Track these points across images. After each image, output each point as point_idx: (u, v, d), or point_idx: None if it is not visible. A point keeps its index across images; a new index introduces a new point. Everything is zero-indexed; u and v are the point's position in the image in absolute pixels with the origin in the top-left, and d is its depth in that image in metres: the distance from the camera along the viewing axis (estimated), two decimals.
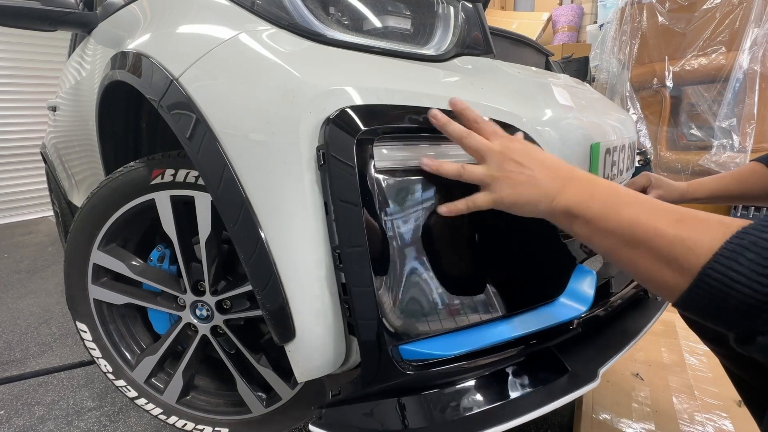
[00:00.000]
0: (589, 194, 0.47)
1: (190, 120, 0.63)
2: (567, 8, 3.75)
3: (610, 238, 0.43)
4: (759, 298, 0.32)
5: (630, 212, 0.42)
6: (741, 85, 2.00)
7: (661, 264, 0.38)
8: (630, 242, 0.41)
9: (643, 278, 0.41)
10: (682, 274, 0.36)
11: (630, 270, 0.43)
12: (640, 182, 0.94)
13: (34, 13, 1.00)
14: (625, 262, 0.43)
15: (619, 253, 0.43)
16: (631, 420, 0.97)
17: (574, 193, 0.48)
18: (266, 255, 0.60)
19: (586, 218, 0.45)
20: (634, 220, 0.41)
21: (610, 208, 0.44)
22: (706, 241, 0.35)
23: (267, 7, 0.64)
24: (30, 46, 4.04)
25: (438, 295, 0.61)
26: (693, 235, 0.36)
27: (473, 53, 0.74)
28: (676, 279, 0.37)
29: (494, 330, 0.64)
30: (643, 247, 0.40)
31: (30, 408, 1.26)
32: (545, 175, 0.50)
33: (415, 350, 0.60)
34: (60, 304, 2.03)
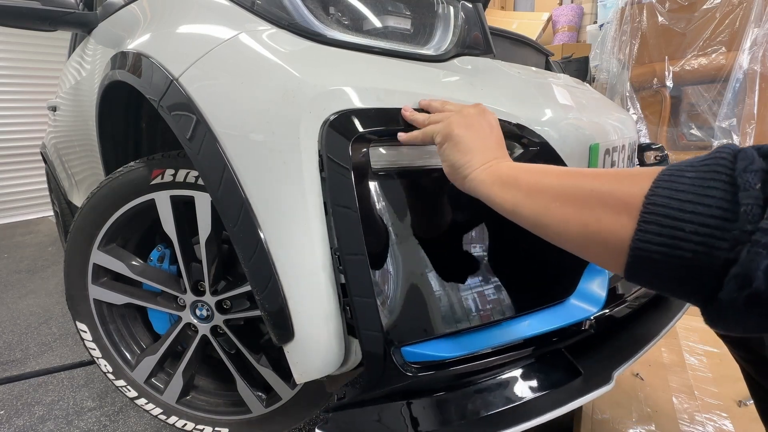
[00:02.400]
0: (521, 165, 0.47)
1: (190, 120, 0.63)
2: (567, 8, 3.75)
3: (540, 198, 0.40)
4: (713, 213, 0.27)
5: (560, 171, 0.41)
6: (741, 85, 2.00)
7: (599, 210, 0.33)
8: (563, 196, 0.38)
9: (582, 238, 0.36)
10: (624, 212, 0.31)
11: (566, 232, 0.37)
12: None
13: (34, 13, 1.00)
14: (558, 222, 0.38)
15: (551, 213, 0.38)
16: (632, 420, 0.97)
17: (508, 163, 0.48)
18: (266, 256, 0.59)
19: (517, 181, 0.43)
20: (564, 176, 0.39)
21: (541, 171, 0.43)
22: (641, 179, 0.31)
23: (267, 7, 0.64)
24: (30, 46, 4.04)
25: (440, 296, 0.60)
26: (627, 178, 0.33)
27: (473, 53, 0.74)
28: (620, 222, 0.31)
29: (501, 331, 0.63)
30: (579, 197, 0.36)
31: (30, 408, 1.26)
32: (491, 140, 0.51)
33: (418, 352, 0.59)
34: (60, 304, 2.03)
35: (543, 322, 0.65)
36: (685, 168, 0.29)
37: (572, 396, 0.62)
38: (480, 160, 0.49)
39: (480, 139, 0.50)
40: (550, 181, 0.40)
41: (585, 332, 0.69)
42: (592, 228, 0.34)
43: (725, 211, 0.26)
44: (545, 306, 0.67)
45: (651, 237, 0.29)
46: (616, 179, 0.33)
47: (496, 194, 0.45)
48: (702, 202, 0.27)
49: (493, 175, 0.46)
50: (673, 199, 0.28)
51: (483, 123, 0.53)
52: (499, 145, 0.53)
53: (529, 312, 0.66)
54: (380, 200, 0.57)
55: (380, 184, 0.57)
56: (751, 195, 0.25)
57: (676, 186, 0.28)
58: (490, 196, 0.46)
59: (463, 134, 0.51)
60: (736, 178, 0.26)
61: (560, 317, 0.66)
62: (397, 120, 0.58)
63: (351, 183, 0.54)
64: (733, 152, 0.28)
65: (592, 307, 0.68)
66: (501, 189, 0.45)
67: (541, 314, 0.66)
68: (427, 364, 0.60)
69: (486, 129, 0.52)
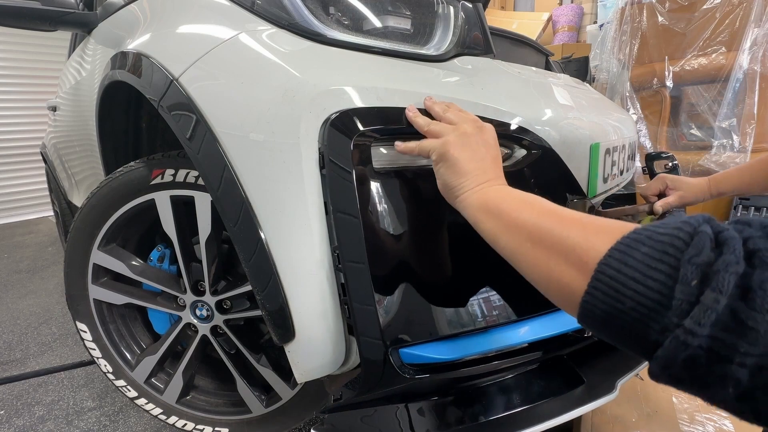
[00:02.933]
0: (508, 192, 0.48)
1: (190, 120, 0.63)
2: (567, 8, 3.75)
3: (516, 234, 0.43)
4: (651, 297, 0.28)
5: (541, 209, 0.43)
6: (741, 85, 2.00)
7: (562, 261, 0.36)
8: (535, 236, 0.40)
9: (543, 280, 0.39)
10: (581, 271, 0.34)
11: (532, 272, 0.41)
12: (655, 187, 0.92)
13: (34, 13, 1.00)
14: (528, 261, 0.41)
15: (523, 251, 0.42)
16: (632, 420, 0.97)
17: (498, 187, 0.50)
18: (266, 255, 0.59)
19: (500, 211, 0.46)
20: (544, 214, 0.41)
21: (523, 204, 0.45)
22: (605, 238, 0.33)
23: (267, 7, 0.64)
24: (30, 46, 4.04)
25: (440, 298, 0.60)
26: (595, 233, 0.35)
27: (473, 53, 0.74)
28: (575, 278, 0.35)
29: (500, 335, 0.62)
30: (547, 241, 0.39)
31: (30, 408, 1.26)
32: (486, 161, 0.52)
33: (416, 354, 0.59)
34: (60, 304, 2.03)
35: (544, 328, 0.64)
36: (643, 239, 0.31)
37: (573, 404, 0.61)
38: (471, 183, 0.51)
39: (474, 161, 0.52)
40: (528, 218, 0.42)
41: (588, 339, 0.68)
42: (554, 276, 0.37)
43: (662, 296, 0.28)
44: (547, 311, 0.66)
45: (596, 300, 0.32)
46: (585, 233, 0.36)
47: (480, 221, 0.48)
48: (644, 283, 0.29)
49: (480, 200, 0.49)
50: (620, 273, 0.30)
51: (479, 143, 0.53)
52: (494, 164, 0.53)
53: (530, 317, 0.65)
54: (381, 200, 0.57)
55: (381, 184, 0.57)
56: (685, 291, 0.27)
57: (627, 259, 0.30)
58: (475, 221, 0.49)
59: (459, 156, 0.51)
60: (679, 268, 0.28)
61: (562, 323, 0.65)
62: (397, 120, 0.58)
63: (352, 181, 0.54)
64: (691, 234, 0.29)
65: None
66: (485, 216, 0.47)
67: (542, 319, 0.65)
68: (425, 367, 0.59)
69: (482, 150, 0.53)
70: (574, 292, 0.34)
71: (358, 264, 0.55)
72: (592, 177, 0.77)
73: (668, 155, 1.16)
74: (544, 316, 0.66)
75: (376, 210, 0.56)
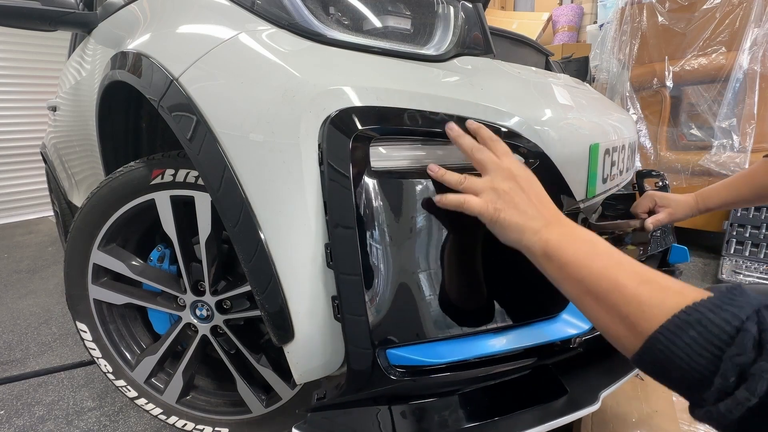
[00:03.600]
0: (568, 239, 0.49)
1: (190, 120, 0.63)
2: (567, 8, 3.75)
3: (578, 286, 0.45)
4: (695, 376, 0.33)
5: (600, 264, 0.44)
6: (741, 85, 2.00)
7: (618, 321, 0.40)
8: (595, 293, 0.43)
9: (603, 330, 0.44)
10: (635, 335, 0.38)
11: (592, 320, 0.45)
12: (645, 204, 0.93)
13: (34, 13, 1.00)
14: (588, 311, 0.45)
15: (584, 302, 0.45)
16: (632, 420, 0.97)
17: (556, 234, 0.50)
18: (266, 256, 0.59)
19: (561, 262, 0.47)
20: (602, 272, 0.44)
21: (584, 257, 0.46)
22: (660, 310, 0.37)
23: (267, 7, 0.64)
24: (30, 46, 4.04)
25: (430, 301, 0.60)
26: (649, 300, 0.38)
27: (473, 53, 0.74)
28: (630, 339, 0.39)
29: (488, 342, 0.62)
30: (606, 302, 0.42)
31: (30, 408, 1.26)
32: (538, 207, 0.52)
33: (403, 356, 0.58)
34: (60, 304, 2.03)
35: (532, 336, 0.64)
36: (693, 322, 0.34)
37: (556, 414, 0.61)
38: (529, 236, 0.51)
39: (525, 214, 0.52)
40: (588, 274, 0.45)
41: (574, 350, 0.68)
42: (611, 331, 0.42)
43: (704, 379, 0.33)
44: (536, 320, 0.67)
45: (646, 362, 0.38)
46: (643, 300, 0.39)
47: (543, 266, 0.50)
48: (689, 364, 0.34)
49: (542, 248, 0.50)
50: (669, 350, 0.35)
51: (522, 190, 0.53)
52: (541, 202, 0.53)
53: (519, 324, 0.65)
54: (376, 199, 0.56)
55: (378, 185, 0.57)
56: (723, 384, 0.32)
57: (676, 340, 0.35)
58: (539, 266, 0.51)
59: (509, 218, 0.52)
60: (722, 360, 0.32)
61: (550, 332, 0.66)
62: (396, 120, 0.58)
63: (349, 179, 0.54)
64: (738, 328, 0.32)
65: (583, 324, 0.67)
66: (548, 264, 0.49)
67: (530, 328, 0.66)
68: (411, 369, 0.59)
69: (526, 195, 0.53)
70: (627, 349, 0.40)
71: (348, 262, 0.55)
72: (592, 177, 0.77)
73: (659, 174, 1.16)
74: (534, 324, 0.66)
75: (372, 209, 0.56)
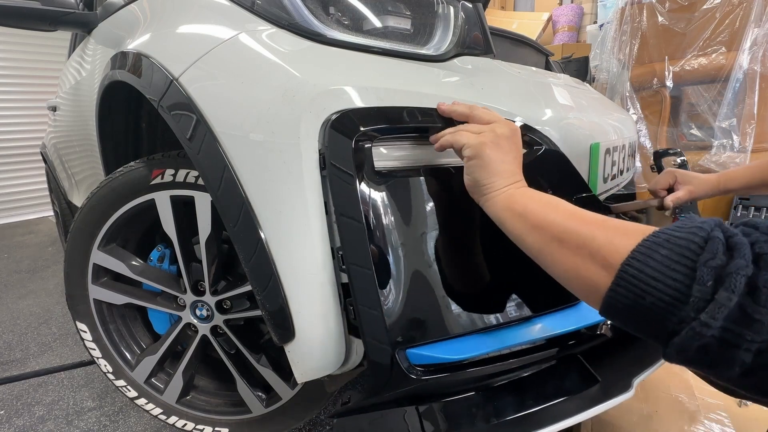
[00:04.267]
0: (533, 194, 0.51)
1: (190, 120, 0.63)
2: (567, 8, 3.75)
3: (541, 233, 0.46)
4: (670, 294, 0.32)
5: (565, 211, 0.45)
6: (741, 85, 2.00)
7: (587, 260, 0.40)
8: (561, 238, 0.44)
9: (569, 276, 0.43)
10: (605, 269, 0.38)
11: (557, 268, 0.45)
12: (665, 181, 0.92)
13: (34, 13, 1.00)
14: (553, 260, 0.45)
15: (548, 251, 0.45)
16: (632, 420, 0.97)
17: (523, 190, 0.52)
18: (266, 255, 0.59)
19: (526, 211, 0.48)
20: (568, 217, 0.44)
21: (548, 206, 0.47)
22: (628, 239, 0.37)
23: (267, 7, 0.64)
24: (30, 46, 4.04)
25: (446, 297, 0.59)
26: (618, 235, 0.39)
27: (473, 53, 0.74)
28: (600, 275, 0.39)
29: (510, 334, 0.62)
30: (574, 243, 0.42)
31: (30, 408, 1.26)
32: (515, 164, 0.55)
33: (424, 354, 0.58)
34: (60, 304, 2.03)
35: (556, 324, 0.63)
36: (662, 242, 0.35)
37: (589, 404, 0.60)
38: (500, 184, 0.53)
39: (505, 163, 0.54)
40: (554, 219, 0.45)
41: (601, 337, 0.67)
42: (580, 273, 0.41)
43: (680, 294, 0.32)
44: (558, 308, 0.65)
45: (620, 296, 0.36)
46: (608, 235, 0.40)
47: (506, 219, 0.51)
48: (664, 282, 0.33)
49: (508, 201, 0.51)
50: (642, 273, 0.34)
51: (512, 147, 0.55)
52: (519, 167, 0.56)
53: (541, 314, 0.64)
54: (384, 200, 0.56)
55: (383, 184, 0.57)
56: (702, 290, 0.31)
57: (648, 260, 0.34)
58: (501, 220, 0.51)
59: (493, 157, 0.53)
60: (696, 269, 0.32)
61: (574, 320, 0.64)
62: (397, 119, 0.58)
63: (354, 183, 0.54)
64: (705, 238, 0.33)
65: None
66: (512, 216, 0.50)
67: (553, 316, 0.64)
68: (433, 367, 0.58)
69: (512, 153, 0.55)
70: (599, 288, 0.38)
71: (362, 266, 0.55)
72: (592, 177, 0.77)
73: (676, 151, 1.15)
74: (554, 313, 0.65)
75: (380, 210, 0.56)
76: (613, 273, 0.37)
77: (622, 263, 0.36)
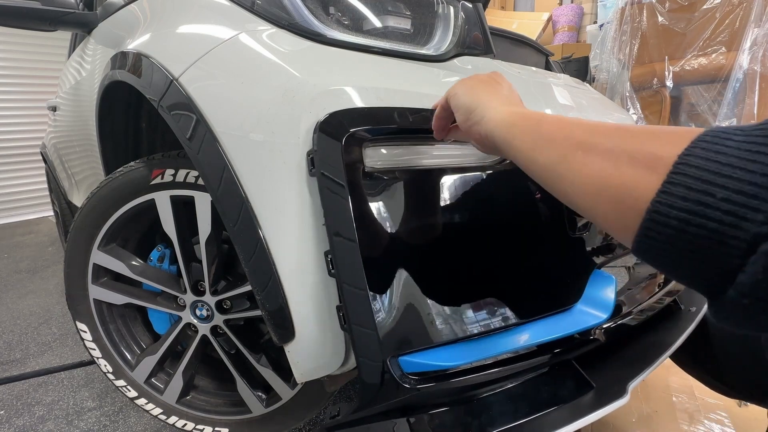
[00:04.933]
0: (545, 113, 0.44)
1: (190, 120, 0.63)
2: (567, 8, 3.75)
3: (562, 144, 0.35)
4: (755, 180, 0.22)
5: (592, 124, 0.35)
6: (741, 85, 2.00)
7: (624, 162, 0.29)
8: (588, 144, 0.32)
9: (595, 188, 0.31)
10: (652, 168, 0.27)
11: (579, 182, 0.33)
12: None
13: (34, 13, 1.00)
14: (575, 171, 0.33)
15: (570, 161, 0.33)
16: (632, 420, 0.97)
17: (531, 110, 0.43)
18: (266, 255, 0.59)
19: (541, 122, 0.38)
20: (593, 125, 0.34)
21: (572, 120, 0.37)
22: (683, 134, 0.27)
23: (267, 7, 0.64)
24: (30, 46, 4.04)
25: (439, 302, 0.59)
26: (669, 132, 0.28)
27: (473, 53, 0.74)
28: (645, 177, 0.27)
29: (504, 339, 0.60)
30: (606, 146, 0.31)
31: (30, 408, 1.26)
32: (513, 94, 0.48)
33: (417, 362, 0.56)
34: (60, 304, 2.03)
35: (550, 329, 0.62)
36: (732, 131, 0.25)
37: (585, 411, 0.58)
38: (497, 103, 0.44)
39: (496, 90, 0.46)
40: (575, 130, 0.35)
41: (595, 341, 0.65)
42: (612, 180, 0.29)
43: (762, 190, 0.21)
44: (551, 313, 0.64)
45: (674, 200, 0.25)
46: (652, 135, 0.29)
47: (513, 136, 0.40)
48: (744, 167, 0.23)
49: (514, 115, 0.41)
50: (711, 161, 0.24)
51: (499, 79, 0.49)
52: (519, 100, 0.48)
53: (535, 319, 0.63)
54: (376, 202, 0.56)
55: (374, 187, 0.56)
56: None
57: (718, 148, 0.24)
58: (507, 138, 0.40)
59: (476, 83, 0.48)
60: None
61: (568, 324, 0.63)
62: (390, 120, 0.57)
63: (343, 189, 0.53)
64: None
65: (601, 313, 0.63)
66: (519, 131, 0.39)
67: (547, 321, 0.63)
68: (426, 375, 0.57)
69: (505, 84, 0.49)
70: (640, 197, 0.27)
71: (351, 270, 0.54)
72: None
73: None
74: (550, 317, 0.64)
75: (371, 215, 0.56)
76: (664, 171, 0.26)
77: (679, 155, 0.26)
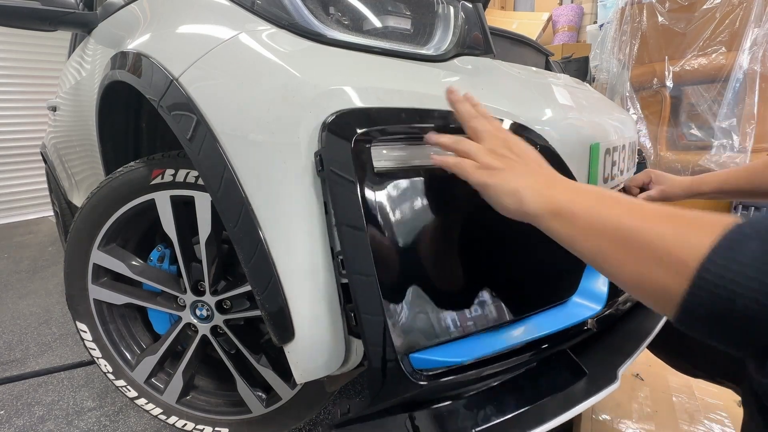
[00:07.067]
0: (575, 192, 0.44)
1: (190, 120, 0.63)
2: (567, 8, 3.75)
3: (596, 238, 0.39)
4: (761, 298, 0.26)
5: (619, 210, 0.39)
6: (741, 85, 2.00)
7: (655, 264, 0.33)
8: (620, 240, 0.37)
9: (634, 284, 0.37)
10: (678, 272, 0.31)
11: (620, 275, 0.38)
12: (641, 179, 0.93)
13: (34, 13, 1.00)
14: (613, 265, 0.38)
15: (605, 255, 0.38)
16: (632, 420, 0.97)
17: (560, 190, 0.45)
18: (266, 256, 0.59)
19: (572, 214, 0.42)
20: (623, 216, 0.38)
21: (597, 204, 0.41)
22: (704, 234, 0.31)
23: (267, 7, 0.64)
24: (30, 46, 4.04)
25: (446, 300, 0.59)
26: (689, 230, 0.32)
27: (473, 53, 0.74)
28: (672, 280, 0.32)
29: (508, 333, 0.62)
30: (635, 245, 0.35)
31: (30, 408, 1.26)
32: (537, 170, 0.49)
33: (427, 358, 0.57)
34: (60, 304, 2.03)
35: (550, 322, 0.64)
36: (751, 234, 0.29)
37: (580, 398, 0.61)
38: (531, 196, 0.46)
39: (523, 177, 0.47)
40: (608, 217, 0.39)
41: (588, 331, 0.69)
42: (646, 279, 0.34)
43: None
44: (551, 306, 0.67)
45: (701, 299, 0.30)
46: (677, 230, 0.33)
47: (554, 228, 0.44)
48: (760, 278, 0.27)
49: (549, 206, 0.44)
50: (730, 270, 0.28)
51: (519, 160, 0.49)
52: (540, 165, 0.49)
53: (535, 313, 0.65)
54: (385, 202, 0.56)
55: (384, 186, 0.56)
56: None
57: (736, 256, 0.28)
58: (548, 230, 0.45)
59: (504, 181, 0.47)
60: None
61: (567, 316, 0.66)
62: (397, 120, 0.58)
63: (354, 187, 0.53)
64: None
65: (595, 304, 0.67)
66: (559, 223, 0.43)
67: (546, 314, 0.66)
68: (436, 371, 0.58)
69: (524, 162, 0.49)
70: (672, 295, 0.32)
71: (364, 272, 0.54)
72: (592, 177, 0.77)
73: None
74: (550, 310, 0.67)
75: (381, 213, 0.56)
76: (690, 276, 0.30)
77: (700, 263, 0.30)
